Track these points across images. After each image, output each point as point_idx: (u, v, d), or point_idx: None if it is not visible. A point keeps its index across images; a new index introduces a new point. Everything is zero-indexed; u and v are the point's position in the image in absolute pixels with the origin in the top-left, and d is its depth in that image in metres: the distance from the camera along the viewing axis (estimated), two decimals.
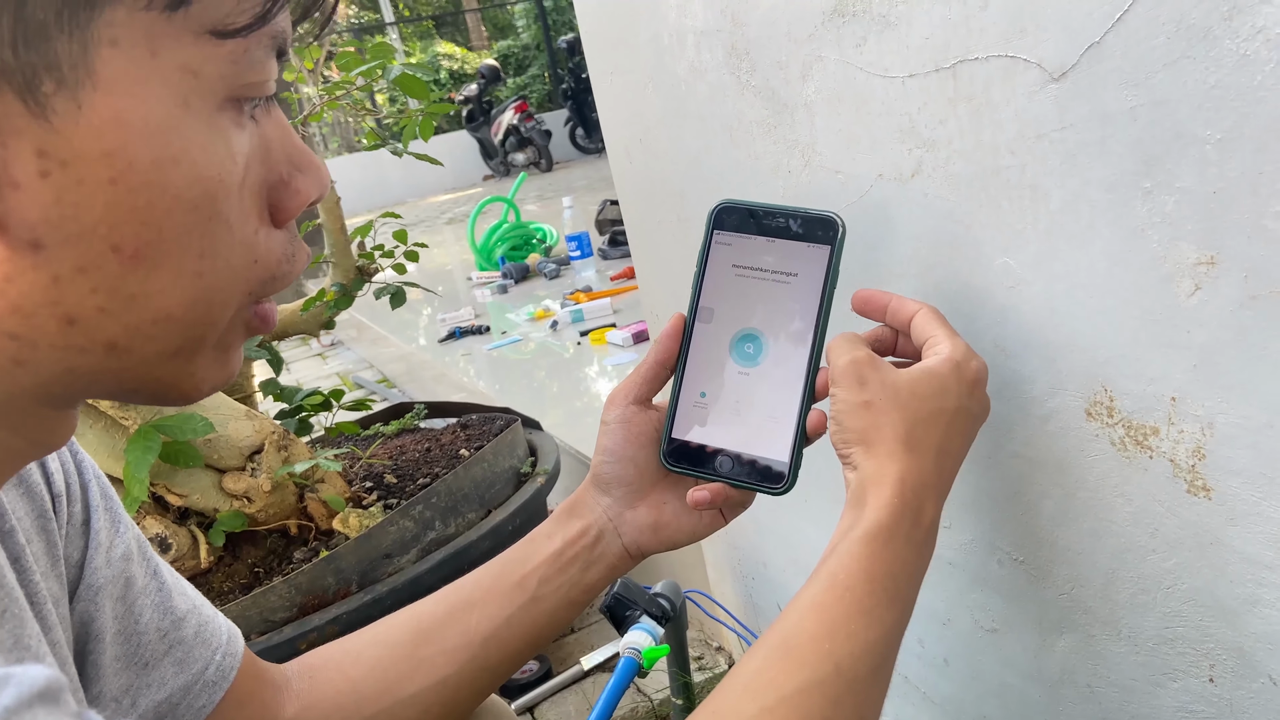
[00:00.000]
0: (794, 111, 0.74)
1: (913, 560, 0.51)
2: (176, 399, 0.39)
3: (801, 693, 0.46)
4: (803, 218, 0.62)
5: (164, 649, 0.53)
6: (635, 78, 0.97)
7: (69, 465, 0.51)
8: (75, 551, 0.50)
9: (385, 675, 0.60)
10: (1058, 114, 0.53)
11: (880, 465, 0.52)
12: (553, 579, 0.62)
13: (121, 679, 0.51)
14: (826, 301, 0.61)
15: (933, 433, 0.53)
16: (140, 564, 0.53)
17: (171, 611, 0.54)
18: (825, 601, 0.49)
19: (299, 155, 0.39)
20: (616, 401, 0.64)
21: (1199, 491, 0.53)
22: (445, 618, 0.61)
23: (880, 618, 0.49)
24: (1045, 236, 0.56)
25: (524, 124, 10.85)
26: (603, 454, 0.64)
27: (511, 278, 4.17)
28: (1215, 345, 0.49)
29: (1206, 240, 0.48)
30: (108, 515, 0.52)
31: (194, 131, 0.33)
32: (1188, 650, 0.57)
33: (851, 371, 0.55)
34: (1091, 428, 0.58)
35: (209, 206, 0.34)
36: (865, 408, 0.54)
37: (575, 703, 1.30)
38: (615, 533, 0.63)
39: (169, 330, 0.35)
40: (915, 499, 0.52)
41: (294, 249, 0.39)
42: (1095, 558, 0.61)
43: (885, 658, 0.49)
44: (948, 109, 0.60)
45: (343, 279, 1.31)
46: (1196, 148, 0.47)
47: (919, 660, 0.84)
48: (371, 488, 1.30)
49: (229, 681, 0.55)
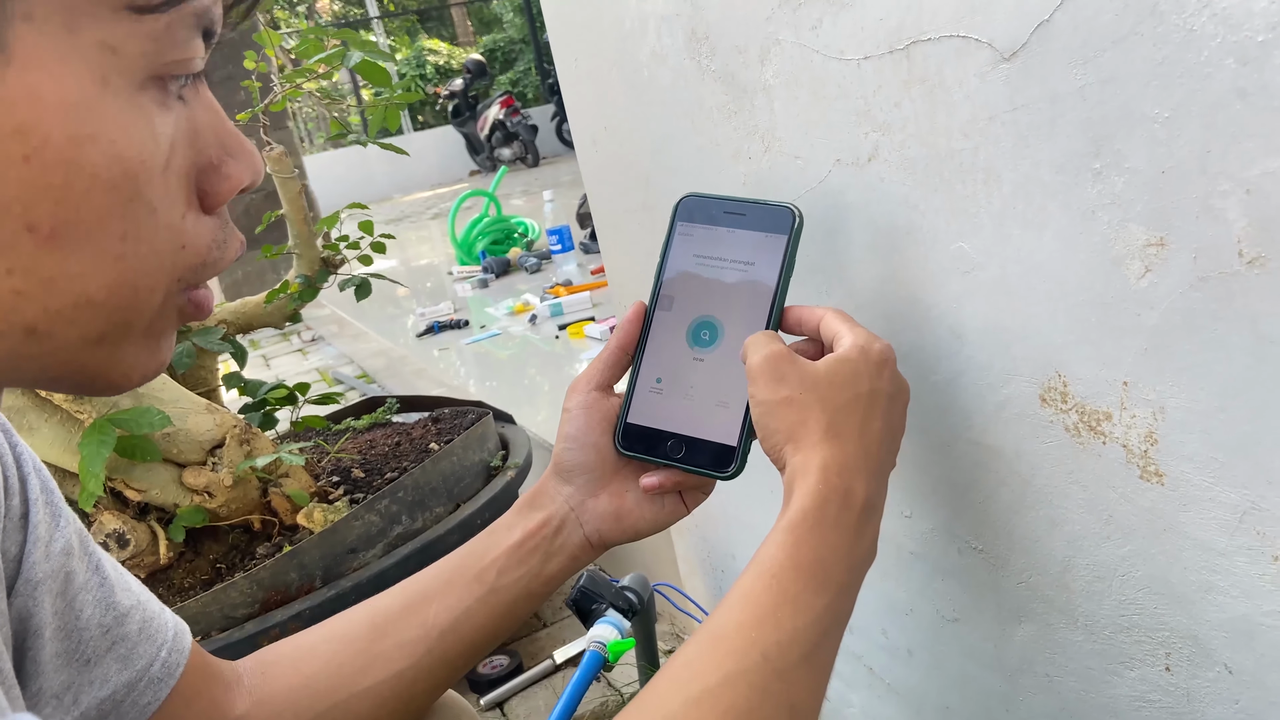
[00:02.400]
0: (753, 96, 0.73)
1: (844, 544, 0.51)
2: (105, 388, 0.37)
3: (726, 683, 0.45)
4: (761, 209, 0.63)
5: (106, 645, 0.51)
6: (599, 64, 0.96)
7: (7, 458, 0.49)
8: (13, 545, 0.48)
9: (340, 670, 0.58)
10: (1009, 95, 0.52)
11: (805, 457, 0.52)
12: (512, 570, 0.61)
13: (62, 676, 0.50)
14: (782, 290, 0.62)
15: (852, 418, 0.54)
16: (81, 559, 0.52)
17: (114, 607, 0.52)
18: (753, 591, 0.48)
19: (230, 139, 0.37)
20: (578, 388, 0.64)
21: (1151, 477, 0.52)
22: (402, 611, 0.60)
23: (809, 604, 0.48)
24: (998, 220, 0.56)
25: (510, 119, 10.81)
26: (564, 441, 0.63)
27: (492, 272, 4.15)
28: (1165, 328, 0.48)
29: (1156, 221, 0.47)
30: (47, 509, 0.50)
31: (113, 110, 0.32)
32: (1144, 638, 0.56)
33: (767, 368, 0.55)
34: (1046, 414, 0.57)
35: (129, 187, 0.33)
36: (786, 404, 0.54)
37: (546, 698, 1.29)
38: (577, 522, 0.63)
39: (91, 315, 0.34)
40: (840, 482, 0.51)
41: (225, 235, 0.38)
42: (1051, 545, 0.60)
43: (817, 644, 0.48)
44: (902, 91, 0.59)
45: (307, 271, 1.29)
46: (1145, 126, 0.46)
47: (883, 651, 0.84)
48: (339, 482, 1.28)
49: (175, 678, 0.54)
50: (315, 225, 1.30)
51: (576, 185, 6.46)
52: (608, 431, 0.63)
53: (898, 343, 0.67)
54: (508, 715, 1.28)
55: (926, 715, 0.80)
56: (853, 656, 0.89)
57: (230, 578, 1.10)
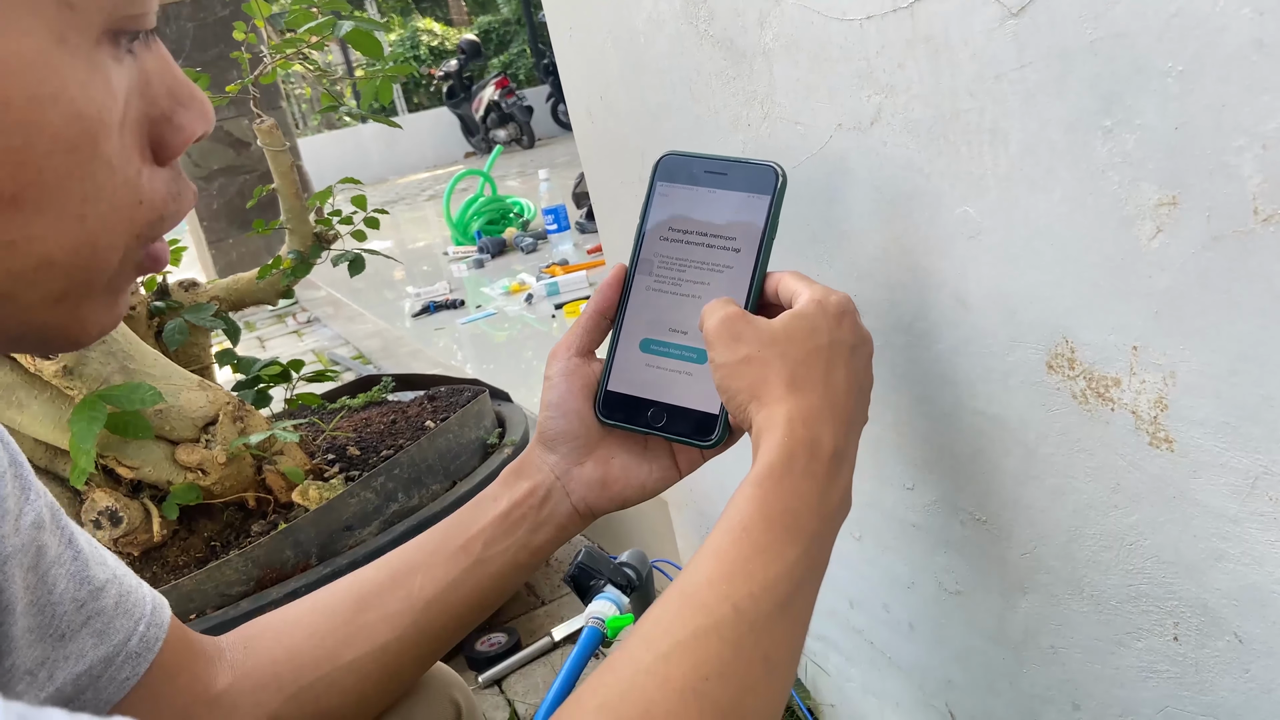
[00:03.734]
0: (752, 61, 0.72)
1: (814, 493, 0.50)
2: (64, 345, 0.37)
3: (697, 637, 0.44)
4: (743, 167, 0.62)
5: (81, 620, 0.50)
6: (594, 33, 0.94)
7: None
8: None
9: (324, 642, 0.57)
10: (1016, 52, 0.51)
11: (770, 412, 0.52)
12: (499, 541, 0.60)
13: (35, 651, 0.48)
14: (765, 251, 0.60)
15: (814, 369, 0.53)
16: (53, 532, 0.50)
17: (89, 581, 0.51)
18: (722, 546, 0.48)
19: (180, 88, 0.36)
20: (559, 355, 0.63)
21: (1161, 444, 0.51)
22: (387, 583, 0.59)
23: (780, 553, 0.47)
24: (1005, 182, 0.54)
25: (505, 100, 10.74)
26: (547, 409, 0.62)
27: (488, 252, 4.13)
28: (1177, 290, 0.47)
29: (1168, 179, 0.46)
30: (16, 482, 0.49)
31: (71, 68, 0.31)
32: (1151, 608, 0.56)
33: (724, 330, 0.55)
34: (1053, 381, 0.56)
35: (90, 146, 0.32)
36: (746, 363, 0.53)
37: (544, 675, 1.28)
38: (563, 491, 0.61)
39: (53, 276, 0.33)
40: (807, 432, 0.51)
41: (179, 187, 0.37)
42: (1057, 515, 0.59)
43: (791, 595, 0.47)
44: (906, 51, 0.58)
45: (300, 246, 1.27)
46: (1158, 81, 0.44)
47: (884, 625, 0.83)
48: (334, 460, 1.27)
49: (154, 652, 0.53)
50: (308, 201, 1.28)
51: (572, 166, 6.42)
52: (590, 398, 0.62)
53: (900, 312, 0.66)
54: (506, 692, 1.27)
55: (929, 689, 0.80)
56: (853, 631, 0.88)
57: (225, 555, 1.09)
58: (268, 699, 0.55)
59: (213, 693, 0.55)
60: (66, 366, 0.98)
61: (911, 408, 0.69)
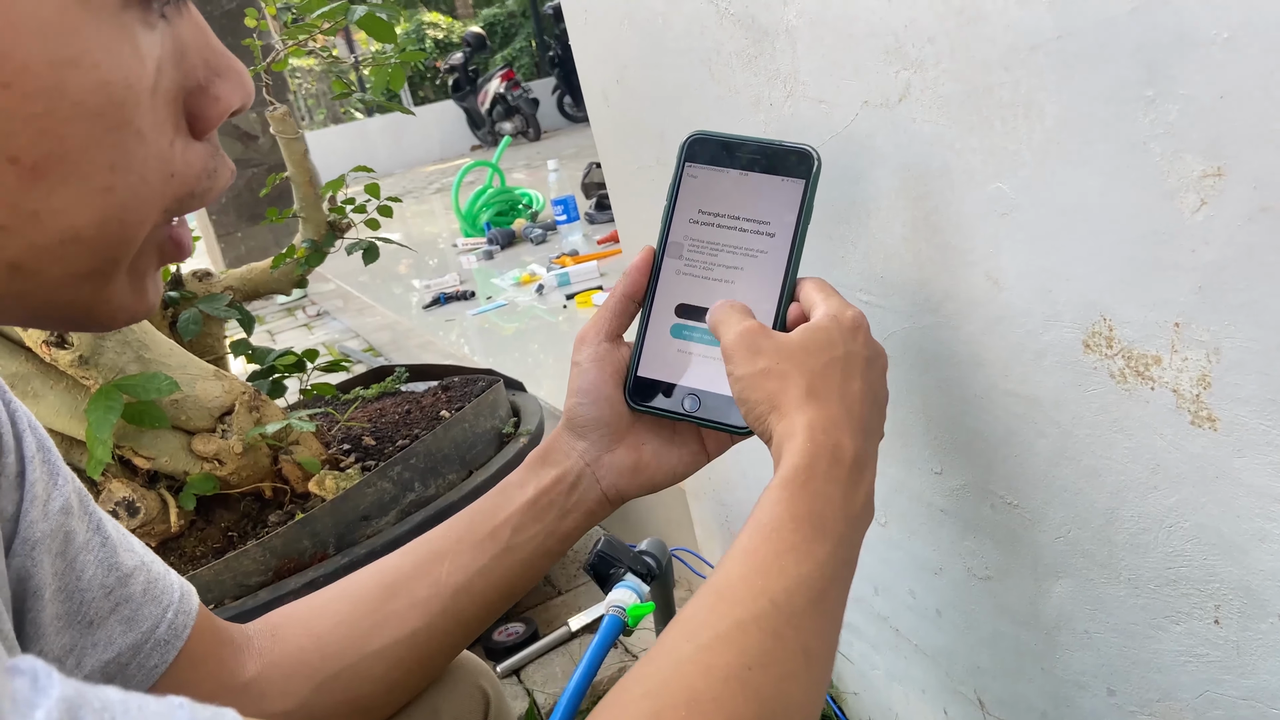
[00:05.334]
0: (775, 39, 0.70)
1: (838, 496, 0.50)
2: (92, 325, 0.36)
3: (738, 627, 0.44)
4: (777, 150, 0.60)
5: (109, 606, 0.50)
6: (610, 15, 0.93)
7: (2, 416, 0.47)
8: (9, 505, 0.47)
9: (352, 630, 0.57)
10: (1053, 21, 0.49)
11: (790, 421, 0.52)
12: (527, 528, 0.60)
13: (64, 638, 0.48)
14: (800, 237, 0.59)
15: (831, 380, 0.53)
16: (81, 518, 0.50)
17: (117, 568, 0.50)
18: (752, 545, 0.48)
19: (218, 59, 0.35)
20: (587, 340, 0.61)
21: (1204, 422, 0.50)
22: (414, 570, 0.59)
23: (810, 552, 0.48)
24: (1040, 157, 0.53)
25: (511, 92, 10.72)
26: (576, 395, 0.61)
27: (497, 243, 4.12)
28: (1222, 264, 0.46)
29: (1213, 150, 0.44)
30: (45, 467, 0.49)
31: (95, 31, 0.30)
32: (1191, 591, 0.54)
33: (742, 343, 0.55)
34: (1090, 360, 0.55)
35: (116, 114, 0.31)
36: (765, 375, 0.53)
37: (562, 664, 1.28)
38: (593, 478, 0.61)
39: (78, 250, 0.32)
40: (828, 439, 0.51)
41: (216, 163, 0.36)
42: (1093, 497, 0.58)
43: (823, 592, 0.47)
44: (936, 25, 0.56)
45: (313, 235, 1.27)
46: (1203, 49, 0.43)
47: (910, 612, 0.82)
48: (349, 450, 1.26)
49: (182, 640, 0.52)
50: (321, 190, 1.27)
51: (579, 157, 6.40)
52: (619, 384, 0.61)
53: (929, 291, 0.65)
54: (524, 682, 1.27)
55: (956, 675, 0.79)
56: (878, 618, 0.88)
57: (242, 546, 1.08)
58: (296, 687, 0.55)
59: (241, 680, 0.54)
60: (82, 356, 0.97)
61: (940, 390, 0.68)
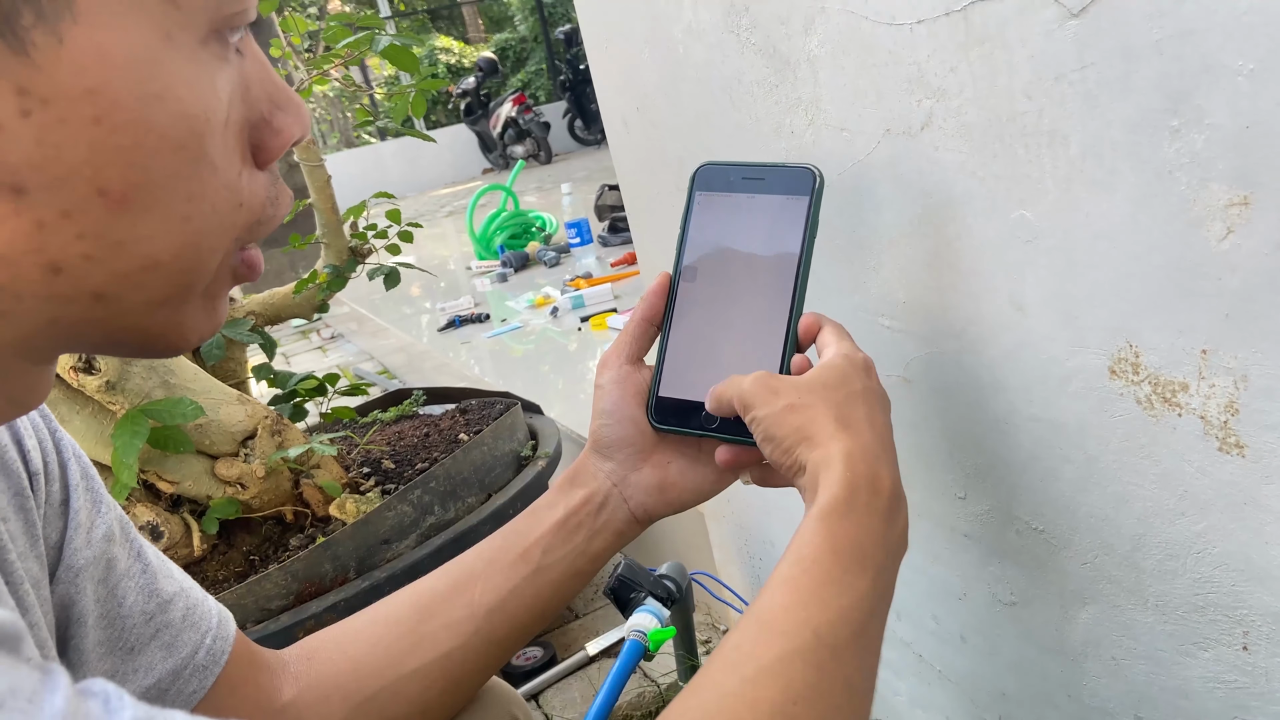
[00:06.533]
0: (796, 68, 0.71)
1: (878, 527, 0.50)
2: (164, 350, 0.37)
3: (782, 660, 0.44)
4: (779, 171, 0.63)
5: (150, 633, 0.50)
6: (630, 43, 0.94)
7: (47, 444, 0.48)
8: (54, 532, 0.48)
9: (387, 652, 0.58)
10: (1077, 52, 0.50)
11: (825, 450, 0.51)
12: (557, 549, 0.60)
13: (105, 664, 0.49)
14: (806, 253, 0.61)
15: (857, 410, 0.53)
16: (123, 545, 0.51)
17: (157, 594, 0.51)
18: (793, 575, 0.48)
19: (278, 92, 0.37)
20: (609, 363, 0.63)
21: (1231, 449, 0.50)
22: (448, 592, 0.60)
23: (851, 584, 0.47)
24: (1064, 185, 0.53)
25: (522, 116, 10.79)
26: (601, 417, 0.62)
27: (511, 266, 4.13)
28: (1249, 292, 0.46)
29: (1239, 179, 0.45)
30: (88, 495, 0.49)
31: (178, 66, 0.31)
32: (1220, 617, 0.54)
33: (759, 386, 0.55)
34: (1116, 386, 0.55)
35: (196, 146, 0.32)
36: (789, 410, 0.53)
37: (580, 689, 1.27)
38: (620, 498, 0.62)
39: (157, 278, 0.33)
40: (867, 468, 0.51)
41: (277, 191, 0.38)
42: (1120, 523, 0.58)
43: (864, 625, 0.47)
44: (959, 55, 0.57)
45: (335, 260, 1.28)
46: (1228, 80, 0.44)
47: (933, 637, 0.82)
48: (369, 473, 1.27)
49: (220, 665, 0.53)
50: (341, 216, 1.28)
51: (591, 180, 6.43)
52: (642, 404, 0.63)
53: (952, 318, 0.65)
54: (542, 706, 1.26)
55: (980, 701, 0.78)
56: (900, 644, 0.87)
57: (264, 569, 1.09)
58: (333, 709, 0.55)
59: (278, 704, 0.55)
60: (109, 381, 0.98)
61: (963, 415, 0.68)
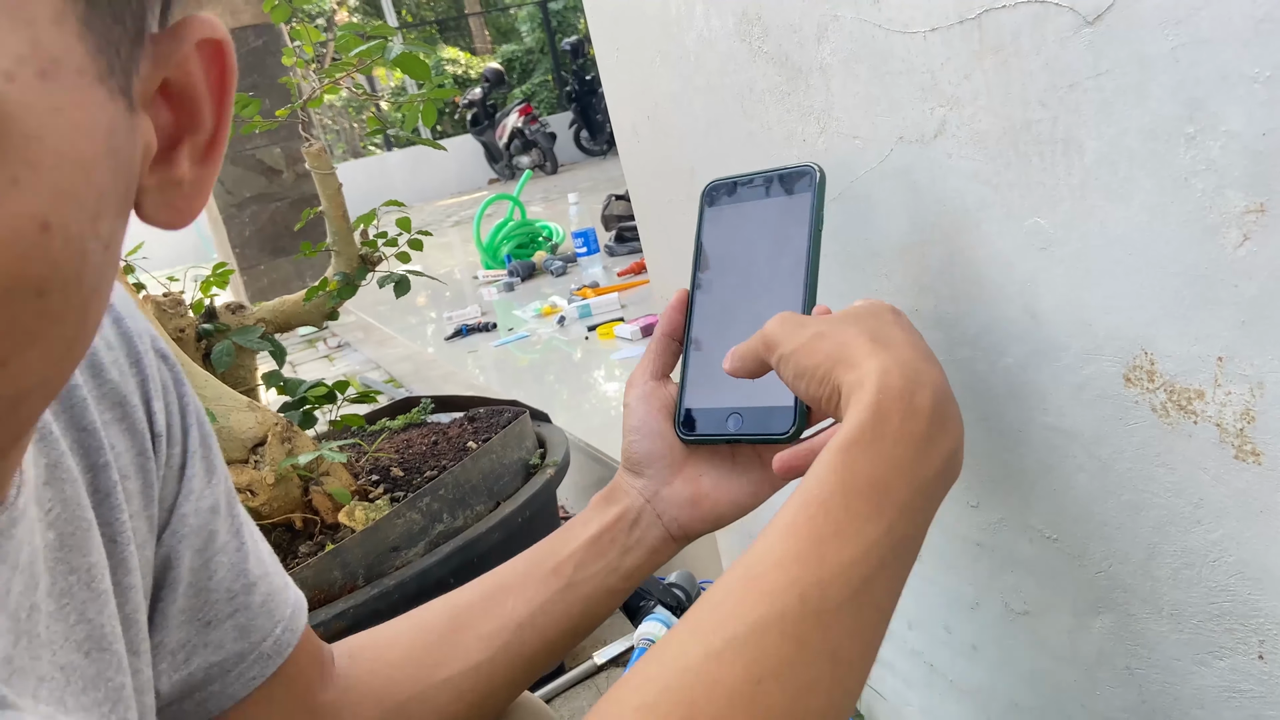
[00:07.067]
0: (809, 76, 0.71)
1: (907, 457, 0.45)
2: None
3: (756, 631, 0.40)
4: (780, 175, 0.65)
5: (229, 611, 0.51)
6: (642, 52, 0.95)
7: (174, 407, 0.49)
8: (169, 495, 0.49)
9: (421, 659, 0.58)
10: (1093, 60, 0.50)
11: (861, 369, 0.47)
12: (589, 564, 0.60)
13: (182, 633, 0.50)
14: (814, 248, 0.62)
15: (893, 331, 0.50)
16: (226, 519, 0.52)
17: (245, 574, 0.52)
18: (795, 522, 0.43)
19: None
20: (635, 381, 0.64)
21: (1248, 457, 0.50)
22: (481, 603, 0.60)
23: (859, 531, 0.43)
24: (1079, 192, 0.54)
25: (529, 127, 10.84)
26: (630, 434, 0.63)
27: (518, 275, 4.15)
28: (1266, 298, 0.46)
29: (1256, 186, 0.45)
30: (204, 463, 0.51)
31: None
32: (1236, 626, 0.54)
33: (783, 323, 0.53)
34: (1131, 394, 0.55)
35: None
36: (818, 338, 0.50)
37: (589, 698, 1.27)
38: (654, 514, 0.62)
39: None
40: (903, 385, 0.46)
41: None
42: (1135, 532, 0.58)
43: (867, 580, 0.42)
44: (973, 62, 0.57)
45: (345, 268, 1.29)
46: (1245, 87, 0.44)
47: (945, 647, 0.81)
48: (378, 481, 1.27)
49: (284, 657, 0.53)
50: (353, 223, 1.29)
51: (596, 190, 6.46)
52: (670, 418, 0.63)
53: (965, 325, 0.65)
54: None
55: (993, 712, 0.78)
56: (912, 654, 0.87)
57: None
58: (366, 712, 0.56)
59: (320, 701, 0.55)
60: None
61: (976, 423, 0.68)
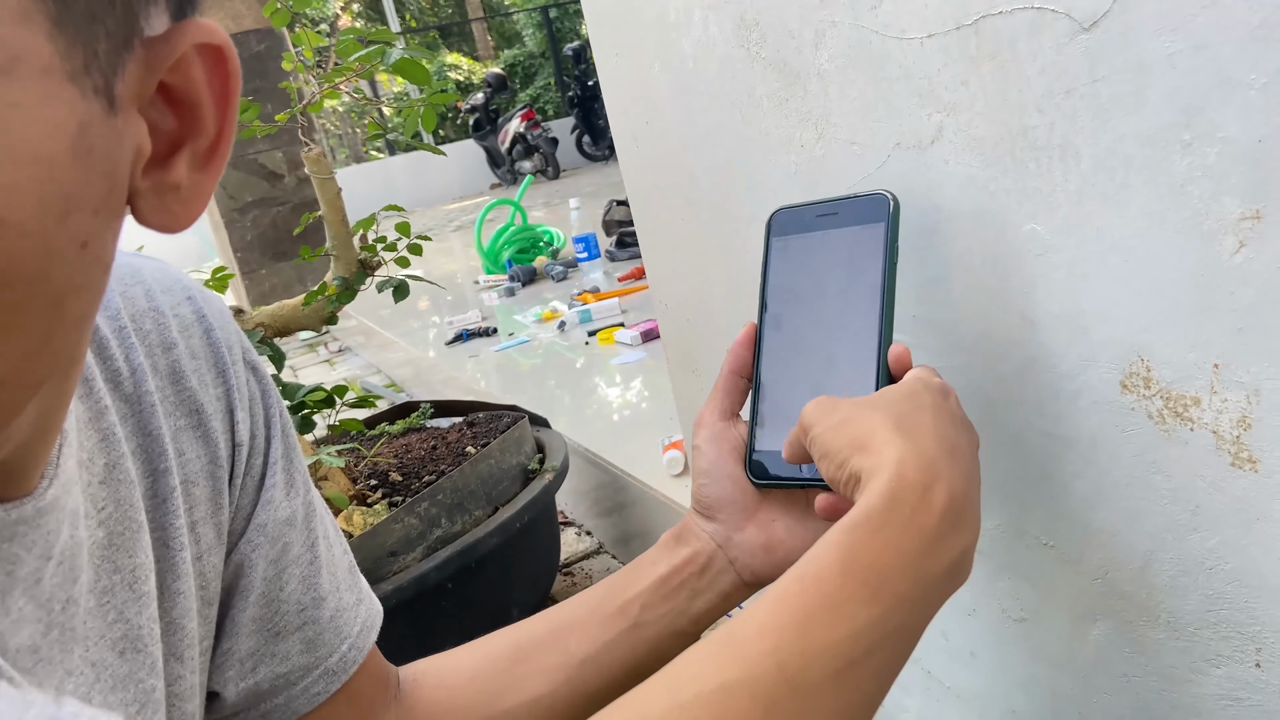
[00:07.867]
0: (807, 82, 0.72)
1: (913, 550, 0.43)
2: None
3: (723, 691, 0.38)
4: (852, 202, 0.61)
5: (298, 624, 0.51)
6: (641, 58, 0.95)
7: (258, 419, 0.50)
8: (248, 503, 0.50)
9: (482, 688, 0.57)
10: (1089, 66, 0.50)
11: (878, 457, 0.46)
12: (656, 606, 0.58)
13: (251, 641, 0.50)
14: (889, 281, 0.59)
15: (922, 419, 0.48)
16: (302, 532, 0.52)
17: (315, 588, 0.52)
18: (786, 593, 0.42)
19: None
20: (704, 421, 0.61)
21: (1244, 464, 0.50)
22: (545, 636, 0.59)
23: (850, 614, 0.41)
24: (1076, 198, 0.53)
25: (531, 132, 10.85)
26: (700, 477, 0.60)
27: (519, 280, 4.15)
28: (1261, 305, 0.46)
29: (1252, 193, 0.45)
30: (285, 474, 0.51)
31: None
32: (1232, 634, 0.54)
33: (818, 406, 0.52)
34: (1127, 401, 0.55)
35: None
36: (845, 423, 0.49)
37: None
38: (726, 560, 0.59)
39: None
40: (919, 478, 0.45)
41: None
42: (1131, 539, 0.58)
43: (853, 663, 0.41)
44: (970, 69, 0.57)
45: (344, 273, 1.28)
46: (1240, 94, 0.44)
47: (942, 653, 0.81)
48: (376, 486, 1.27)
49: (349, 674, 0.54)
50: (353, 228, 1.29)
51: (598, 195, 6.46)
52: (740, 461, 0.60)
53: (962, 332, 0.65)
54: None
55: (990, 718, 0.78)
56: (909, 660, 0.87)
57: None
58: None
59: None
60: None
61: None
